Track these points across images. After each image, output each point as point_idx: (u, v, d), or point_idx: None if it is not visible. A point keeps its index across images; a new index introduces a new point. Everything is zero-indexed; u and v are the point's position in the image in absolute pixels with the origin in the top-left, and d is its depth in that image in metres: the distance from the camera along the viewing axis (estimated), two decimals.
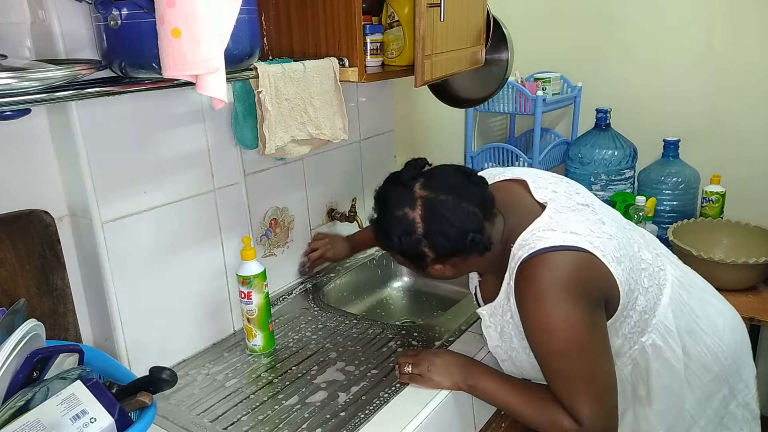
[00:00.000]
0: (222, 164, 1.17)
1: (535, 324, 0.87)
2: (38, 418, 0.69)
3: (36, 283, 0.93)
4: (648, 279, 0.97)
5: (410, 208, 0.90)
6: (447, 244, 0.90)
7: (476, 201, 0.91)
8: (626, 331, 0.96)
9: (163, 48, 0.74)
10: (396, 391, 1.01)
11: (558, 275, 0.85)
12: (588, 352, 0.86)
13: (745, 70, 1.86)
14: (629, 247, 0.95)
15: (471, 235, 0.89)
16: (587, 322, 0.85)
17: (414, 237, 0.90)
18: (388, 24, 1.31)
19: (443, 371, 0.98)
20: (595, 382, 0.86)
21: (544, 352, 0.88)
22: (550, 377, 0.89)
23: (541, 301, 0.85)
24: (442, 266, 0.95)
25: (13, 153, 0.92)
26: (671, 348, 0.98)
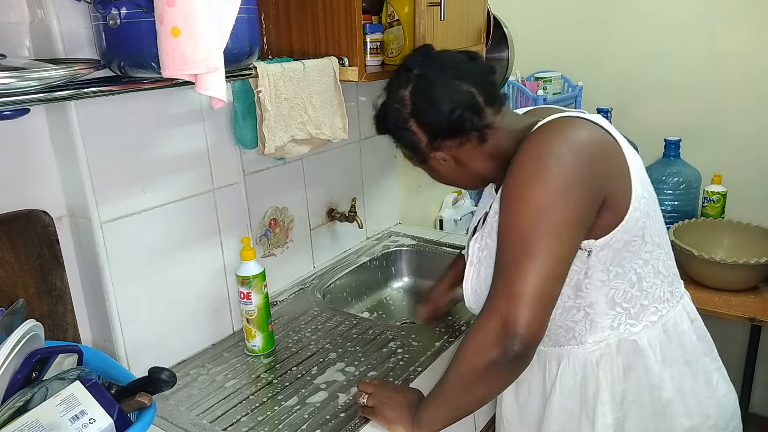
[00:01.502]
0: (221, 164, 1.17)
1: (514, 190, 0.78)
2: (37, 418, 0.69)
3: (35, 283, 0.93)
4: (664, 266, 0.88)
5: (403, 88, 0.89)
6: (432, 120, 0.87)
7: (473, 81, 0.87)
8: (618, 297, 0.85)
9: (162, 47, 0.74)
10: None
11: (571, 132, 0.78)
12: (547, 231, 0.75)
13: (745, 71, 1.86)
14: (659, 213, 0.87)
15: (458, 111, 0.84)
16: (566, 193, 0.75)
17: (402, 114, 0.89)
18: (388, 23, 1.31)
19: (397, 409, 0.90)
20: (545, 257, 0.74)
21: (505, 220, 0.78)
22: (500, 259, 0.78)
23: (530, 161, 0.78)
24: (441, 155, 0.90)
25: (12, 153, 0.92)
26: (656, 359, 0.87)
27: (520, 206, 0.77)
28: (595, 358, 0.88)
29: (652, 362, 0.87)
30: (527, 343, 0.74)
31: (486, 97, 0.87)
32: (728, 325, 1.43)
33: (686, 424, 0.89)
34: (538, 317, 0.74)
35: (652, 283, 0.86)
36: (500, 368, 0.76)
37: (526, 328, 0.74)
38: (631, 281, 0.85)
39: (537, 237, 0.75)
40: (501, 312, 0.75)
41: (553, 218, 0.75)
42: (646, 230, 0.83)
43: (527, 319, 0.74)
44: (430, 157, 0.92)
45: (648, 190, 0.84)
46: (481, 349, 0.77)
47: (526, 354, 0.75)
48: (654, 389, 0.88)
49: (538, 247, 0.75)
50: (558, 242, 0.75)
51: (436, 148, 0.90)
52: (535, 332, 0.75)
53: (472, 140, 0.88)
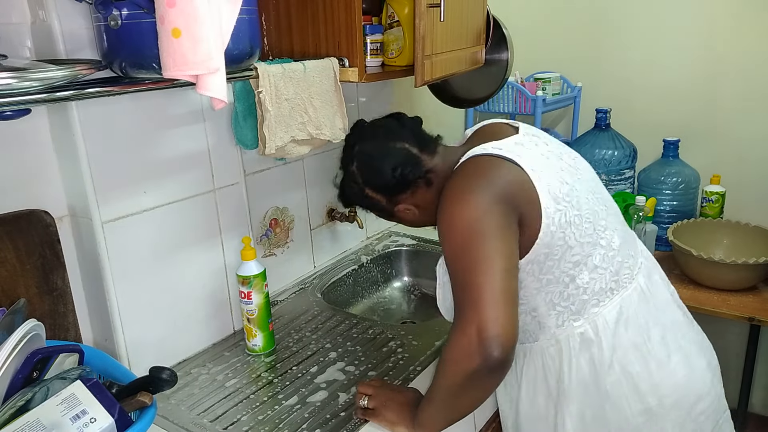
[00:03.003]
0: (222, 164, 1.17)
1: (444, 217, 0.86)
2: (38, 418, 0.69)
3: (36, 283, 0.93)
4: (601, 260, 0.91)
5: (350, 164, 1.02)
6: (382, 182, 0.98)
7: (405, 138, 0.99)
8: (555, 299, 0.91)
9: (163, 48, 0.74)
10: None
11: (476, 171, 0.88)
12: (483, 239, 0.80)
13: (745, 70, 1.86)
14: (591, 212, 0.91)
15: (399, 169, 0.96)
16: (487, 209, 0.82)
17: (357, 187, 1.02)
18: (388, 24, 1.31)
19: (398, 410, 0.92)
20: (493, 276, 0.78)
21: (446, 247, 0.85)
22: (454, 283, 0.84)
23: (452, 192, 0.87)
24: (403, 207, 1.01)
25: (14, 153, 0.92)
26: (600, 347, 0.91)
27: (452, 229, 0.84)
28: (551, 354, 0.94)
29: (597, 350, 0.91)
30: (505, 344, 0.76)
31: (419, 147, 0.99)
32: (727, 325, 1.44)
33: (638, 407, 0.92)
34: (507, 314, 0.77)
35: (588, 278, 0.91)
36: (485, 374, 0.78)
37: (500, 327, 0.76)
38: (564, 282, 0.90)
39: (476, 245, 0.81)
40: (471, 321, 0.77)
41: (484, 226, 0.82)
42: (568, 238, 0.88)
43: (498, 318, 0.76)
44: (395, 211, 1.03)
45: (565, 200, 0.89)
46: (465, 359, 0.78)
47: (507, 357, 0.77)
48: (598, 376, 0.92)
49: (480, 252, 0.80)
50: (495, 242, 0.81)
51: (396, 203, 1.01)
52: (510, 330, 0.77)
53: (421, 186, 0.99)
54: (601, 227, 0.93)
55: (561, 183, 0.89)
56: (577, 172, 0.95)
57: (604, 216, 0.95)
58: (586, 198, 0.92)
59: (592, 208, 0.93)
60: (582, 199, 0.91)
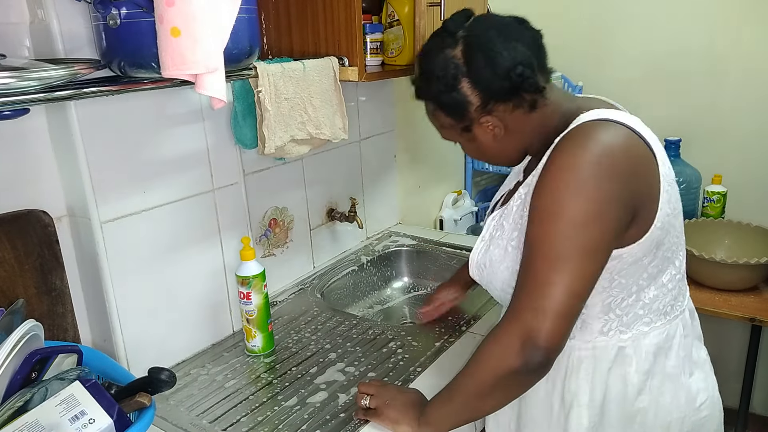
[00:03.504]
0: (221, 164, 1.17)
1: (555, 186, 0.74)
2: (37, 418, 0.69)
3: (35, 283, 0.93)
4: (669, 280, 0.85)
5: (450, 47, 0.82)
6: (490, 77, 0.80)
7: (527, 43, 0.81)
8: (614, 304, 0.84)
9: (162, 47, 0.74)
10: None
11: (610, 142, 0.75)
12: (579, 247, 0.73)
13: (746, 70, 1.86)
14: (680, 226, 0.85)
15: (520, 68, 0.79)
16: (603, 210, 0.73)
17: (452, 74, 0.82)
18: (388, 23, 1.31)
19: (400, 409, 0.90)
20: (575, 275, 0.73)
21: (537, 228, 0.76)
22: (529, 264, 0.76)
23: (576, 164, 0.74)
24: (492, 121, 0.83)
25: (12, 153, 0.92)
26: (637, 369, 0.85)
27: (553, 220, 0.74)
28: (579, 357, 0.87)
29: (634, 371, 0.86)
30: (549, 356, 0.75)
31: (538, 63, 0.83)
32: (728, 325, 1.44)
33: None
34: (561, 332, 0.74)
35: (652, 294, 0.85)
36: (520, 378, 0.77)
37: (549, 341, 0.74)
38: (630, 292, 0.84)
39: (569, 255, 0.73)
40: (526, 323, 0.74)
41: (586, 238, 0.73)
42: (660, 246, 0.82)
43: (551, 333, 0.73)
44: (478, 123, 0.85)
45: (675, 205, 0.82)
46: (504, 358, 0.76)
47: (547, 366, 0.76)
48: (628, 396, 0.86)
49: (569, 264, 0.73)
50: (589, 261, 0.74)
51: (488, 112, 0.83)
52: (557, 346, 0.75)
53: (524, 106, 0.83)
54: (681, 246, 0.87)
55: (673, 181, 0.82)
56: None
57: (683, 237, 0.88)
58: (680, 211, 0.85)
59: (681, 222, 0.86)
60: (679, 211, 0.84)
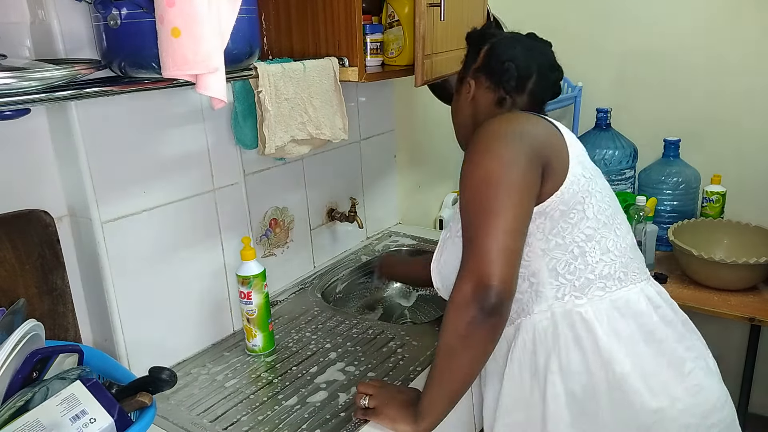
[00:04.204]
0: (222, 164, 1.17)
1: (468, 162, 0.87)
2: (38, 418, 0.69)
3: (35, 283, 0.93)
4: (615, 246, 0.91)
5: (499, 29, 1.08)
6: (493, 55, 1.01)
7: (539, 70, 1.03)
8: (561, 268, 0.88)
9: (162, 48, 0.74)
10: None
11: (510, 119, 0.91)
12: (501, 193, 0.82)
13: (745, 70, 1.86)
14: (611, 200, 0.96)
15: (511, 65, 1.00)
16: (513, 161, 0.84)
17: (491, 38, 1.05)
18: (388, 24, 1.31)
19: (399, 408, 0.91)
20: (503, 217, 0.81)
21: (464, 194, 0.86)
22: (464, 230, 0.85)
23: (482, 138, 0.88)
24: (471, 84, 1.04)
25: (13, 153, 0.92)
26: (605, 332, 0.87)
27: (472, 178, 0.85)
28: (543, 327, 0.91)
29: (601, 334, 0.88)
30: (501, 295, 0.79)
31: (532, 88, 1.01)
32: (728, 325, 1.44)
33: (653, 405, 0.86)
34: (507, 269, 0.80)
35: (598, 258, 0.90)
36: (479, 325, 0.80)
37: (498, 280, 0.78)
38: (573, 254, 0.89)
39: (492, 199, 0.82)
40: (472, 270, 0.80)
41: (504, 182, 0.82)
42: (587, 206, 0.90)
43: (498, 272, 0.79)
44: (467, 79, 1.05)
45: (592, 173, 0.93)
46: (461, 309, 0.81)
47: (502, 307, 0.79)
48: (606, 362, 0.87)
49: (495, 207, 0.81)
50: (511, 201, 0.82)
51: (475, 78, 1.03)
52: (508, 284, 0.80)
53: (494, 96, 1.01)
54: (619, 220, 0.95)
55: (587, 161, 0.94)
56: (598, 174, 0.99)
57: (620, 214, 0.97)
58: (607, 188, 0.96)
59: (612, 199, 0.96)
60: (603, 186, 0.95)
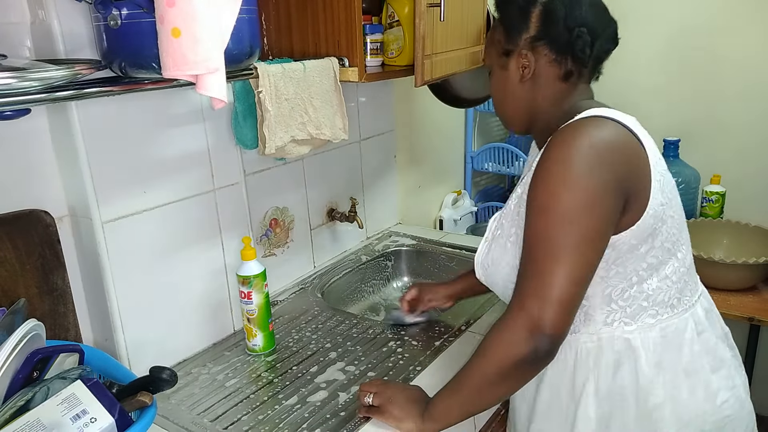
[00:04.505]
0: (222, 164, 1.17)
1: (552, 178, 0.78)
2: (38, 417, 0.69)
3: (36, 283, 0.93)
4: (673, 272, 0.87)
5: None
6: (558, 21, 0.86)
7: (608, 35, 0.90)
8: (615, 295, 0.86)
9: (163, 48, 0.74)
10: None
11: (602, 136, 0.79)
12: (578, 235, 0.76)
13: (745, 71, 1.86)
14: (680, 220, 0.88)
15: (584, 31, 0.86)
16: (598, 199, 0.76)
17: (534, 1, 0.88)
18: (388, 24, 1.31)
19: (404, 406, 0.91)
20: (574, 263, 0.76)
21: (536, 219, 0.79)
22: (530, 254, 0.80)
23: (571, 153, 0.78)
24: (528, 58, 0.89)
25: (13, 153, 0.92)
26: (648, 361, 0.86)
27: (548, 213, 0.78)
28: (586, 349, 0.89)
29: (643, 363, 0.86)
30: (555, 342, 0.77)
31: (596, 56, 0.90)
32: (727, 325, 1.43)
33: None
34: (565, 318, 0.77)
35: (655, 286, 0.86)
36: (528, 366, 0.79)
37: (555, 328, 0.76)
38: (631, 281, 0.85)
39: (566, 244, 0.77)
40: (531, 313, 0.77)
41: (581, 227, 0.77)
42: (657, 235, 0.84)
43: (555, 321, 0.76)
44: (519, 53, 0.90)
45: (669, 196, 0.85)
46: (511, 348, 0.78)
47: (553, 353, 0.78)
48: (642, 391, 0.87)
49: (567, 254, 0.76)
50: (585, 249, 0.77)
51: (532, 48, 0.89)
52: (562, 332, 0.77)
53: (561, 68, 0.89)
54: (683, 239, 0.90)
55: (667, 176, 0.86)
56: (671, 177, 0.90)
57: (685, 230, 0.91)
58: (679, 205, 0.89)
59: (681, 216, 0.90)
60: (676, 204, 0.88)
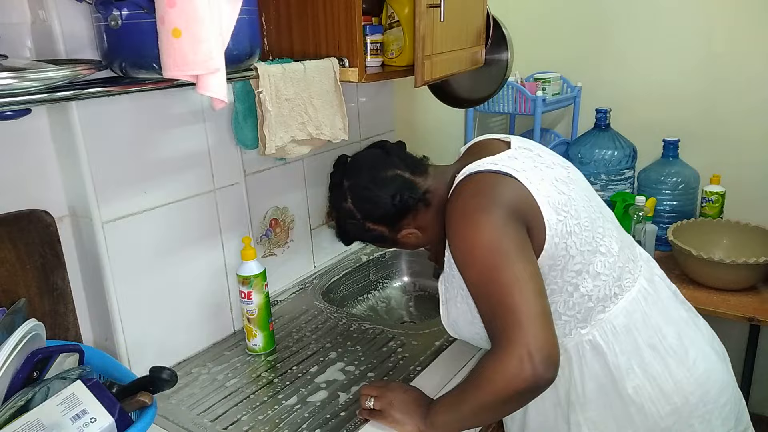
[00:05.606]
0: (222, 164, 1.17)
1: (459, 242, 0.85)
2: (38, 417, 0.69)
3: (36, 283, 0.93)
4: (603, 266, 0.91)
5: (344, 201, 1.03)
6: (383, 212, 0.99)
7: (394, 164, 1.00)
8: (560, 308, 0.90)
9: (163, 48, 0.74)
10: None
11: (478, 188, 0.88)
12: (509, 260, 0.81)
13: (744, 71, 1.86)
14: (589, 220, 0.91)
15: (397, 196, 0.97)
16: (503, 229, 0.82)
17: (357, 222, 1.02)
18: (388, 24, 1.31)
19: (405, 409, 0.92)
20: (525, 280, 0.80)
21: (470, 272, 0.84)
22: (485, 307, 0.83)
23: (460, 215, 0.86)
24: (406, 232, 1.02)
25: (14, 153, 0.92)
26: (613, 352, 0.90)
27: (473, 253, 0.84)
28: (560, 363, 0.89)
29: (611, 356, 0.90)
30: (555, 364, 0.78)
31: (410, 170, 1.01)
32: (727, 325, 1.44)
33: (666, 408, 0.90)
34: (550, 333, 0.79)
35: (591, 286, 0.90)
36: (532, 391, 0.79)
37: (549, 348, 0.77)
38: (568, 292, 0.90)
39: (503, 267, 0.81)
40: (519, 343, 0.77)
41: (504, 246, 0.82)
42: (570, 247, 0.89)
43: (545, 339, 0.77)
44: (399, 238, 1.03)
45: (565, 209, 0.89)
46: (512, 382, 0.78)
47: (555, 369, 0.78)
48: (617, 382, 0.90)
49: (512, 274, 0.80)
50: (520, 262, 0.81)
51: (399, 230, 1.02)
52: (556, 348, 0.78)
53: (421, 208, 1.00)
54: (600, 234, 0.93)
55: (559, 193, 0.90)
56: (571, 182, 0.94)
57: (601, 223, 0.94)
58: (583, 206, 0.92)
59: (590, 216, 0.93)
60: (579, 208, 0.91)
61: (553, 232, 0.87)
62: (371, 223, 1.02)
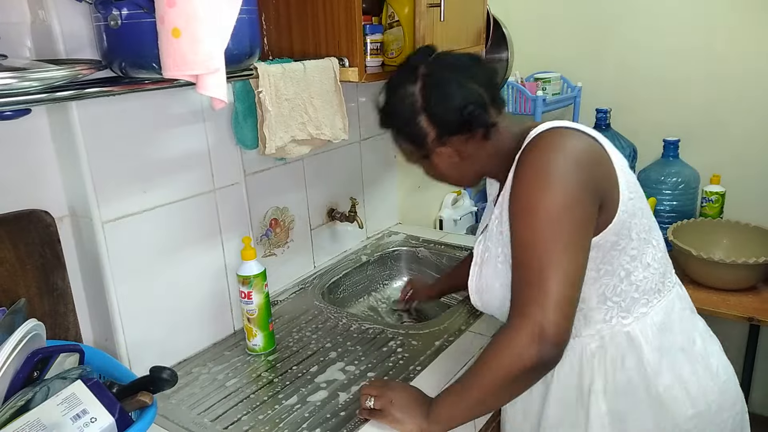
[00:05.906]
0: (222, 164, 1.17)
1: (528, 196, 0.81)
2: (38, 417, 0.69)
3: (36, 283, 0.93)
4: (653, 258, 0.90)
5: (411, 84, 0.92)
6: (444, 114, 0.89)
7: (481, 82, 0.91)
8: (609, 292, 0.88)
9: (163, 48, 0.74)
10: None
11: (561, 145, 0.82)
12: (565, 238, 0.78)
13: (745, 71, 1.86)
14: (647, 209, 0.91)
15: (470, 107, 0.88)
16: (575, 198, 0.79)
17: (412, 109, 0.91)
18: (388, 24, 1.31)
19: (405, 408, 0.91)
20: (566, 265, 0.78)
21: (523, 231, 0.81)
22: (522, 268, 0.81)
23: (538, 170, 0.81)
24: (447, 151, 0.93)
25: (13, 153, 0.92)
26: (650, 348, 0.89)
27: (532, 217, 0.80)
28: (591, 350, 0.91)
29: (647, 352, 0.89)
30: (561, 346, 0.77)
31: (491, 98, 0.91)
32: (727, 325, 1.44)
33: (690, 412, 0.90)
34: (566, 321, 0.78)
35: (641, 276, 0.89)
36: (535, 372, 0.79)
37: (558, 332, 0.77)
38: (620, 276, 0.88)
39: (554, 248, 0.78)
40: (532, 320, 0.77)
41: (565, 228, 0.78)
42: (632, 229, 0.87)
43: (558, 324, 0.77)
44: (435, 152, 0.94)
45: (634, 189, 0.88)
46: (518, 356, 0.78)
47: (560, 356, 0.78)
48: (650, 378, 0.89)
49: (557, 256, 0.78)
50: (573, 250, 0.79)
51: (443, 144, 0.92)
52: (566, 335, 0.78)
53: (477, 137, 0.91)
54: (653, 227, 0.92)
55: (630, 174, 0.88)
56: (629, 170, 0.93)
57: (654, 221, 0.94)
58: (643, 196, 0.91)
59: (648, 207, 0.92)
60: (640, 194, 0.90)
61: (624, 208, 0.84)
62: (426, 117, 0.91)
